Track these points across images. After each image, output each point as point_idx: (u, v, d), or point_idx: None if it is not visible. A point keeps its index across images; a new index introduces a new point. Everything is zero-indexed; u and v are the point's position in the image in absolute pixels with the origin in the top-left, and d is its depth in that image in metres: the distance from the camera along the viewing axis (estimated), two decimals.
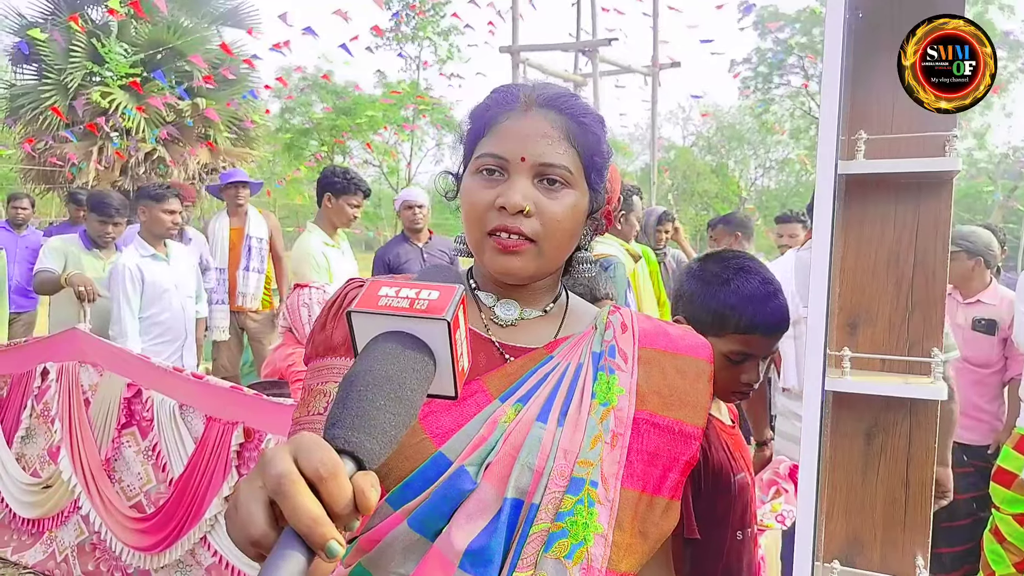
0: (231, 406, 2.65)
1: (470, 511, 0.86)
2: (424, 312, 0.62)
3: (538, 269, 0.94)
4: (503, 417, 0.90)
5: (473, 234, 0.95)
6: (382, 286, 0.64)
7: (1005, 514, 2.98)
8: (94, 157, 9.62)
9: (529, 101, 0.96)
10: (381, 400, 0.57)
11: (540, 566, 0.86)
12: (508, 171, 0.93)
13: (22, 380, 3.30)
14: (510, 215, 0.90)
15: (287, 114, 24.25)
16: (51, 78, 10.30)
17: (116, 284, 3.66)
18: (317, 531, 0.48)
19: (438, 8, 21.90)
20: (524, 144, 0.92)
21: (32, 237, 5.97)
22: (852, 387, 1.22)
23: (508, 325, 0.99)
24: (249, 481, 0.52)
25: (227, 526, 0.53)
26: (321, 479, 0.50)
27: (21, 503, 3.24)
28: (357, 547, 0.91)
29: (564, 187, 0.93)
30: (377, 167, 26.42)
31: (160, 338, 3.78)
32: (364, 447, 0.54)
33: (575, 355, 0.97)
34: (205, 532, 2.66)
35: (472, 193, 0.94)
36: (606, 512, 0.89)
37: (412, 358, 0.61)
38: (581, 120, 0.96)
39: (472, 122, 1.00)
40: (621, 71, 10.57)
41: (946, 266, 1.32)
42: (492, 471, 0.87)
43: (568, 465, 0.89)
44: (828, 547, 1.33)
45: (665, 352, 0.99)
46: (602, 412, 0.92)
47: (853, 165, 1.25)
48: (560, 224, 0.93)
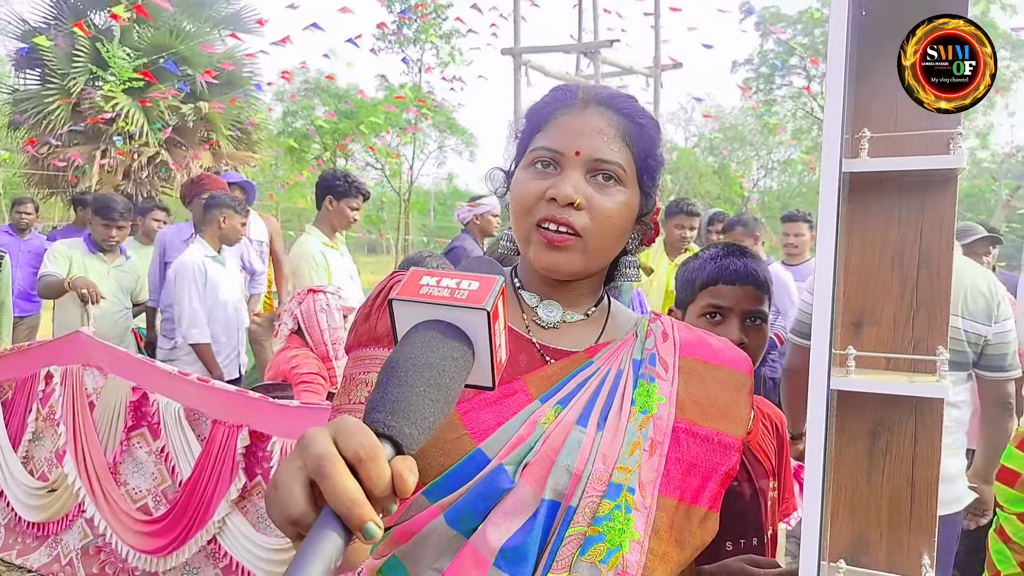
0: (236, 409, 2.65)
1: (507, 510, 0.86)
2: (464, 301, 0.62)
3: (583, 266, 0.94)
4: (543, 418, 0.90)
5: (521, 226, 0.95)
6: (423, 275, 0.65)
7: (1009, 513, 2.97)
8: (97, 160, 9.64)
9: (587, 99, 0.96)
10: (421, 386, 0.57)
11: (575, 569, 0.86)
12: (561, 165, 0.93)
13: (27, 384, 3.31)
14: (560, 207, 0.90)
15: (289, 118, 24.30)
16: (54, 82, 10.33)
17: (183, 279, 3.67)
18: (356, 512, 0.48)
19: (440, 11, 21.93)
20: (579, 139, 0.93)
21: (36, 241, 5.98)
22: (857, 386, 1.21)
23: (550, 327, 0.99)
24: (290, 461, 0.52)
25: (266, 506, 0.53)
26: (360, 461, 0.50)
27: (26, 507, 3.25)
28: (391, 538, 0.91)
29: (616, 184, 0.93)
30: (379, 170, 26.45)
31: (217, 338, 3.80)
32: (403, 432, 0.54)
33: (616, 361, 0.96)
34: (214, 534, 2.67)
35: (523, 184, 0.94)
36: (643, 519, 0.89)
37: (451, 346, 0.61)
38: (639, 121, 0.97)
39: (529, 119, 1.00)
40: (623, 72, 10.58)
41: (951, 264, 1.31)
42: (530, 471, 0.87)
43: (607, 470, 0.89)
44: (833, 547, 1.33)
45: (706, 363, 0.99)
46: (641, 419, 0.92)
47: (857, 163, 1.25)
48: (609, 220, 0.92)
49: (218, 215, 3.86)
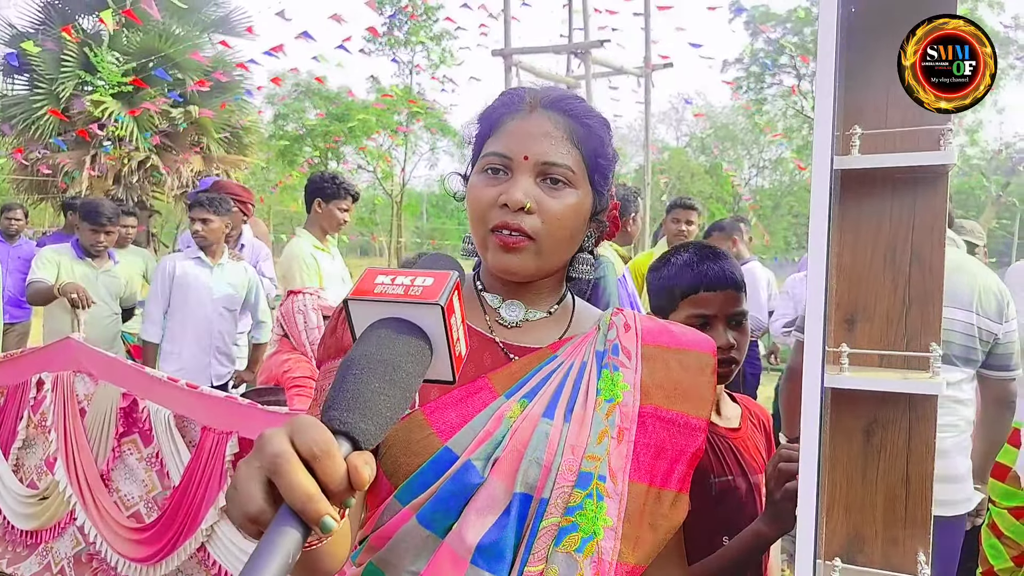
0: (226, 416, 2.63)
1: (480, 506, 0.87)
2: (419, 298, 0.63)
3: (538, 268, 0.95)
4: (508, 413, 0.91)
5: (477, 231, 0.96)
6: (378, 275, 0.66)
7: (1001, 508, 2.98)
8: (87, 165, 9.59)
9: (534, 102, 0.98)
10: (376, 383, 0.58)
11: (551, 560, 0.87)
12: (512, 170, 0.94)
13: (18, 391, 3.28)
14: (512, 212, 0.92)
15: (280, 120, 24.22)
16: (43, 88, 10.28)
17: (154, 277, 3.80)
18: (311, 507, 0.49)
19: (430, 12, 21.92)
20: (527, 143, 0.94)
21: (25, 248, 5.94)
22: (851, 383, 1.21)
23: (513, 326, 1.00)
24: (247, 462, 0.53)
25: (227, 506, 0.54)
26: (315, 457, 0.51)
27: (17, 515, 3.22)
28: (368, 545, 0.92)
29: (566, 186, 0.95)
30: (371, 172, 26.41)
31: (185, 341, 3.77)
32: (358, 427, 0.55)
33: (579, 354, 0.98)
34: (202, 542, 2.65)
35: (476, 191, 0.96)
36: (615, 505, 0.90)
37: (407, 342, 0.62)
38: (585, 122, 0.98)
39: (480, 124, 1.02)
40: (614, 72, 10.60)
41: (943, 260, 1.31)
42: (500, 466, 0.88)
43: (576, 460, 0.90)
44: (829, 545, 1.32)
45: (668, 348, 1.00)
46: (607, 408, 0.94)
47: (848, 160, 1.25)
48: (561, 222, 0.94)
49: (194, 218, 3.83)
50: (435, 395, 0.92)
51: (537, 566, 0.86)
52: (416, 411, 0.91)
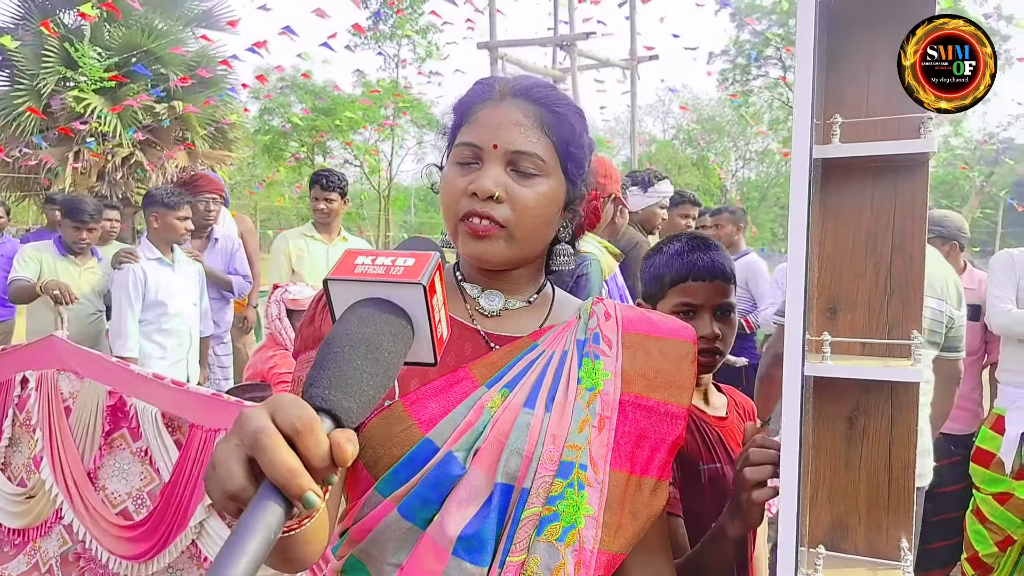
0: (213, 413, 2.62)
1: (461, 497, 0.87)
2: (400, 277, 0.62)
3: (511, 255, 0.95)
4: (489, 403, 0.91)
5: (450, 221, 0.96)
6: (358, 255, 0.65)
7: (985, 494, 3.01)
8: (70, 162, 9.49)
9: (504, 91, 0.98)
10: (357, 360, 0.57)
11: (533, 550, 0.87)
12: (482, 159, 0.94)
13: (2, 389, 3.26)
14: (481, 201, 0.92)
15: (266, 115, 24.07)
16: (23, 84, 10.14)
17: (119, 286, 3.63)
18: (294, 482, 0.49)
19: (416, 6, 21.81)
20: (496, 132, 0.94)
21: (8, 245, 5.87)
22: (833, 372, 1.22)
23: (493, 315, 1.00)
24: (226, 440, 0.52)
25: (206, 486, 0.53)
26: (297, 433, 0.50)
27: (6, 513, 3.20)
28: (349, 538, 0.92)
29: (537, 176, 0.94)
30: (358, 167, 26.30)
31: (162, 344, 3.74)
32: (341, 405, 0.55)
33: (560, 343, 0.98)
34: (192, 538, 2.64)
35: (448, 181, 0.96)
36: (596, 494, 0.90)
37: (388, 321, 0.61)
38: (555, 110, 0.97)
39: (453, 114, 1.02)
40: (600, 65, 10.59)
41: (924, 249, 1.32)
42: (481, 457, 0.88)
43: (557, 450, 0.90)
44: (813, 532, 1.33)
45: (648, 336, 1.01)
46: (588, 396, 0.94)
47: (829, 149, 1.25)
48: (531, 211, 0.94)
49: (150, 215, 3.77)
50: (415, 385, 0.92)
51: (519, 556, 0.86)
52: (396, 403, 0.91)
